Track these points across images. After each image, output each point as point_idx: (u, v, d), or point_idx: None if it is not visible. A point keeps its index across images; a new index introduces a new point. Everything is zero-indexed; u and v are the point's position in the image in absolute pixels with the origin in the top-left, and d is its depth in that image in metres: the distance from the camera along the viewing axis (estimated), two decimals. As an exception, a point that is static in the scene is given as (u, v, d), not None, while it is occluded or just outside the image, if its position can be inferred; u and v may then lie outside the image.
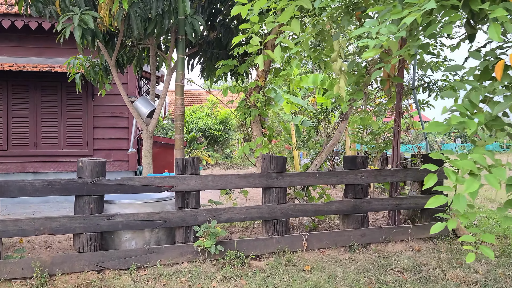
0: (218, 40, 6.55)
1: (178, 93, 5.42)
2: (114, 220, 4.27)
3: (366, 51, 1.94)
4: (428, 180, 2.03)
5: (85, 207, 4.21)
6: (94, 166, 4.23)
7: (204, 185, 4.62)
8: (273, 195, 4.89)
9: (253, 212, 4.81)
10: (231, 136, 23.67)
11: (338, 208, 5.18)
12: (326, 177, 5.15)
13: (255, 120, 5.66)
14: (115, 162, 9.31)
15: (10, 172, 8.80)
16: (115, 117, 9.30)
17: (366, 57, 2.01)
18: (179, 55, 5.43)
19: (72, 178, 4.18)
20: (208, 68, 7.05)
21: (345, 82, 2.72)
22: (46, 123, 8.98)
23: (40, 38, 8.89)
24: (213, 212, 4.65)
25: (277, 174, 4.88)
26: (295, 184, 5.03)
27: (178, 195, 4.62)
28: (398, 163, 5.74)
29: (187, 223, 4.53)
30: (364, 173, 5.27)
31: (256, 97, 5.26)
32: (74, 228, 4.15)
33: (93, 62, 6.72)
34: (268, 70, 5.67)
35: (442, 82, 6.76)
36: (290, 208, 4.96)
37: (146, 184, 4.40)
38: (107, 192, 4.28)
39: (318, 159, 6.02)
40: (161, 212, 4.44)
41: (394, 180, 5.47)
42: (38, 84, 8.90)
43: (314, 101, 12.90)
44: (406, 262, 4.61)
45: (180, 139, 5.41)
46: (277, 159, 4.89)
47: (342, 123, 6.16)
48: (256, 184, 4.84)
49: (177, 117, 5.44)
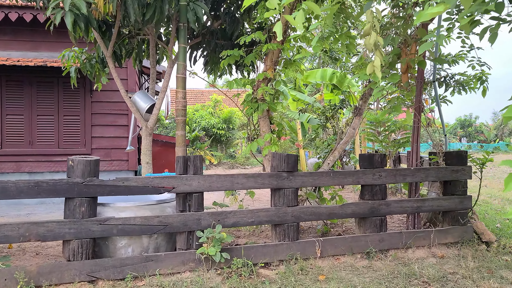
0: (223, 30, 6.11)
1: (179, 86, 4.98)
2: (108, 225, 3.85)
3: (428, 8, 1.49)
4: (509, 183, 1.57)
5: (75, 211, 3.78)
6: (86, 165, 3.81)
7: (208, 186, 4.19)
8: (284, 197, 4.45)
9: (261, 216, 4.38)
10: (235, 135, 23.26)
11: (354, 210, 4.73)
12: (342, 177, 4.71)
13: (263, 115, 5.22)
14: (114, 161, 8.89)
15: (4, 172, 8.40)
16: (114, 114, 8.87)
17: (428, 16, 1.56)
18: (181, 44, 4.99)
19: (62, 179, 3.75)
20: (212, 61, 6.62)
21: (381, 60, 2.28)
22: (42, 121, 8.57)
23: (35, 31, 8.48)
24: (218, 215, 4.22)
25: (288, 174, 4.45)
26: (307, 184, 4.59)
27: (180, 197, 4.19)
28: (418, 161, 5.29)
29: (189, 228, 4.10)
30: (382, 172, 4.83)
31: (264, 90, 4.82)
32: (63, 234, 3.72)
33: (89, 54, 6.30)
34: (277, 61, 5.22)
35: (460, 76, 6.31)
36: (302, 211, 4.52)
37: (143, 185, 3.97)
38: (101, 194, 3.85)
39: (331, 157, 5.59)
40: (161, 216, 4.01)
41: (415, 180, 5.02)
42: (33, 79, 8.49)
43: (321, 98, 12.49)
44: (431, 270, 4.17)
45: (181, 136, 4.98)
46: (288, 157, 4.46)
47: (356, 118, 5.72)
48: (265, 184, 4.40)
49: (178, 111, 5.01)
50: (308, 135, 14.76)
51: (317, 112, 10.06)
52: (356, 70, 5.61)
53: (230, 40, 6.01)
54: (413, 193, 5.24)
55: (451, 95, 6.57)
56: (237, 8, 5.86)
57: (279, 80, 5.10)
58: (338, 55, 7.13)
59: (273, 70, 5.07)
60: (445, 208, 5.07)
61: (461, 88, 6.26)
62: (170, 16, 5.61)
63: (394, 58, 4.19)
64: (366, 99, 5.70)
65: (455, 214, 5.08)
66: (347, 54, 6.17)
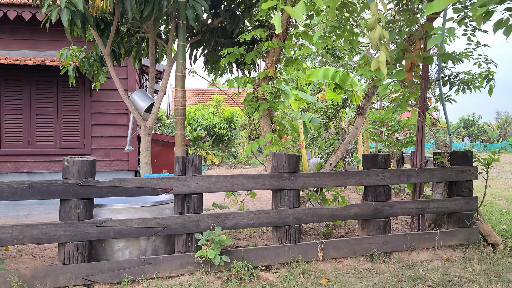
0: (223, 28, 6.01)
1: (178, 85, 4.88)
2: (105, 227, 3.75)
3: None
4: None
5: (71, 213, 3.68)
6: (81, 165, 3.71)
7: (207, 187, 4.08)
8: (285, 198, 4.34)
9: (262, 217, 4.27)
10: (237, 135, 23.18)
11: (357, 212, 4.62)
12: (344, 178, 4.60)
13: (264, 115, 5.11)
14: (114, 162, 8.80)
15: (3, 173, 8.32)
16: (114, 114, 8.78)
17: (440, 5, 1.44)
18: (180, 42, 4.89)
19: (57, 180, 3.65)
20: (212, 60, 6.51)
21: (386, 55, 2.16)
22: (41, 120, 8.48)
23: (34, 30, 8.39)
24: (218, 217, 4.11)
25: (289, 175, 4.34)
26: (309, 185, 4.48)
27: (178, 199, 4.09)
28: (422, 162, 5.18)
29: (188, 230, 3.99)
30: (386, 173, 4.71)
31: (265, 88, 4.71)
32: (58, 236, 3.63)
33: (88, 53, 6.20)
34: (279, 59, 5.11)
35: (465, 75, 6.18)
36: (303, 212, 4.41)
37: (141, 186, 3.87)
38: (97, 195, 3.75)
39: (333, 157, 5.48)
40: (159, 218, 3.91)
41: (419, 181, 4.91)
42: (32, 78, 8.40)
43: (323, 98, 12.38)
44: (436, 274, 4.05)
45: (181, 136, 4.87)
46: (290, 157, 4.35)
47: (359, 118, 5.61)
48: (266, 185, 4.29)
49: (177, 110, 4.90)
50: (310, 135, 14.65)
51: (319, 112, 9.95)
52: (359, 68, 5.50)
53: (230, 38, 5.90)
54: (418, 194, 5.12)
55: (456, 94, 6.45)
56: (238, 5, 5.75)
57: (280, 79, 4.99)
58: (341, 53, 7.01)
59: (274, 68, 4.96)
60: (450, 210, 4.95)
61: (465, 87, 6.14)
62: (169, 14, 5.51)
63: (400, 54, 4.06)
64: (370, 97, 5.59)
65: (461, 215, 4.96)
66: (350, 52, 6.05)
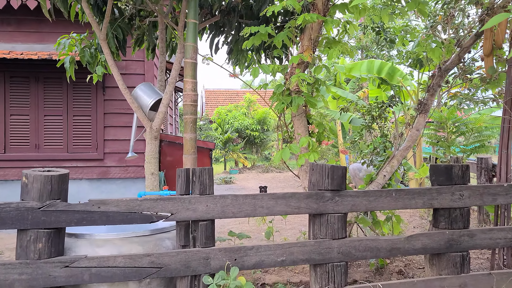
0: (248, 8, 4.91)
1: (188, 74, 3.79)
2: (78, 268, 2.69)
3: None
4: None
5: (29, 248, 2.65)
6: (45, 182, 2.67)
7: (220, 211, 2.97)
8: (327, 226, 3.18)
9: (295, 252, 3.12)
10: (269, 137, 22.11)
11: (425, 244, 3.39)
12: (408, 198, 3.38)
13: (299, 113, 3.95)
14: (129, 168, 7.85)
15: (9, 179, 7.51)
16: (130, 114, 7.80)
17: None
18: (190, 19, 3.80)
19: (10, 202, 2.63)
20: (237, 49, 5.41)
21: None
22: (50, 122, 7.63)
23: (41, 21, 7.54)
24: (235, 252, 2.99)
25: (332, 194, 3.17)
26: (360, 208, 3.29)
27: (181, 227, 2.99)
28: (510, 175, 3.89)
29: (193, 270, 2.90)
30: (465, 191, 3.46)
31: (300, 78, 3.55)
32: (11, 282, 2.60)
33: (89, 42, 5.24)
34: (317, 41, 3.95)
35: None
36: (352, 245, 3.22)
37: (128, 210, 2.80)
38: (66, 224, 2.70)
39: (388, 167, 4.26)
40: (152, 255, 2.82)
41: (508, 201, 3.63)
42: (40, 75, 7.56)
43: (364, 96, 11.11)
44: None
45: (190, 140, 3.78)
46: (334, 170, 3.18)
47: (420, 117, 4.39)
48: (301, 209, 3.13)
49: (187, 108, 3.81)
50: (349, 137, 13.39)
51: (361, 111, 8.64)
52: (421, 51, 4.25)
53: (257, 19, 4.79)
54: (504, 219, 3.85)
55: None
56: (266, -22, 4.63)
57: (319, 65, 3.81)
58: (395, 35, 5.77)
59: (311, 52, 3.79)
60: (551, 240, 3.65)
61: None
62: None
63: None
64: (434, 91, 4.36)
65: None
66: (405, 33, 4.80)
